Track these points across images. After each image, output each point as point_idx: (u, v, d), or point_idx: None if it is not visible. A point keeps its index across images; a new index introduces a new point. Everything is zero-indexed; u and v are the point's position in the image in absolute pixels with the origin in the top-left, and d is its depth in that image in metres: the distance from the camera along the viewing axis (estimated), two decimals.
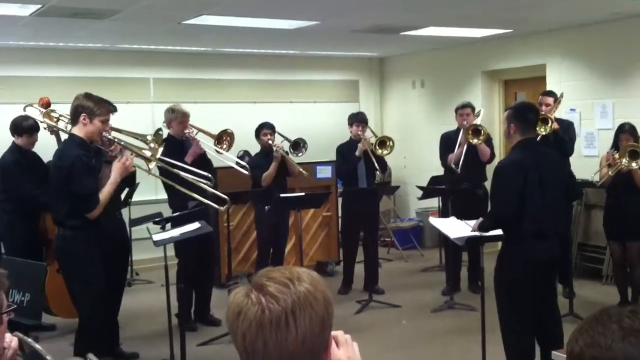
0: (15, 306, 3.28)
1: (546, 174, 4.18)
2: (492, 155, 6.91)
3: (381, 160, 6.94)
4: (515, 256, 4.18)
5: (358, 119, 7.03)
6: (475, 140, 6.58)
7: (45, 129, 5.62)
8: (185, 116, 5.94)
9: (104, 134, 4.55)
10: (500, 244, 7.82)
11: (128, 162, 4.55)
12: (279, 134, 6.89)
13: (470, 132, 6.59)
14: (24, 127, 5.76)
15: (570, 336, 1.60)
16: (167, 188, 5.63)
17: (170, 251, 4.88)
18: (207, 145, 6.06)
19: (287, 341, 1.34)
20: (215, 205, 5.05)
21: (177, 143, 5.89)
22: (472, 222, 4.71)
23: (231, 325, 1.39)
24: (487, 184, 6.93)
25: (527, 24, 7.42)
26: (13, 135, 5.84)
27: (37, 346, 2.71)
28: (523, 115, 4.25)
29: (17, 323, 3.35)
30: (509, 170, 4.20)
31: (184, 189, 4.97)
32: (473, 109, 6.93)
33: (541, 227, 4.12)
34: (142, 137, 4.80)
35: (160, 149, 4.78)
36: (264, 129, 6.66)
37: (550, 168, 4.26)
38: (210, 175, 5.28)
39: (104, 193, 4.46)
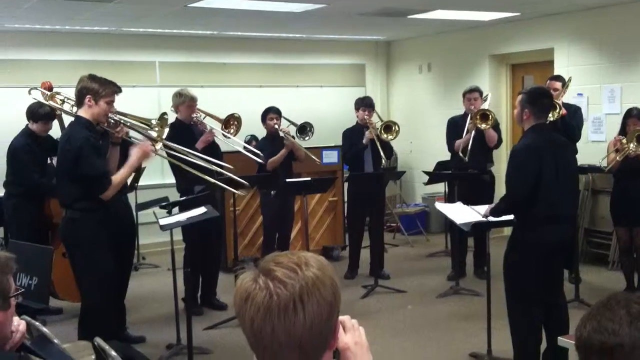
0: (23, 290, 3.31)
1: (560, 159, 4.16)
2: (500, 141, 6.88)
3: (387, 146, 6.92)
4: (527, 239, 4.17)
5: (365, 104, 7.01)
6: (483, 125, 6.56)
7: None
8: (192, 100, 5.94)
9: (110, 115, 4.54)
10: (506, 229, 7.83)
11: (148, 147, 4.53)
12: (285, 118, 6.87)
13: (478, 116, 6.57)
14: (40, 114, 5.76)
15: (579, 322, 1.60)
16: (175, 172, 5.64)
17: (177, 235, 4.89)
18: (216, 130, 6.07)
19: (295, 326, 1.33)
20: (234, 190, 5.08)
21: (185, 127, 5.89)
22: (478, 208, 4.71)
23: (239, 310, 1.39)
24: (494, 169, 6.95)
25: (535, 7, 7.36)
26: (28, 120, 5.84)
27: (45, 329, 2.73)
28: (537, 100, 4.22)
29: (24, 307, 3.37)
30: (523, 153, 4.18)
31: (195, 172, 4.98)
32: (481, 93, 6.90)
33: (554, 211, 4.10)
34: (146, 122, 4.79)
35: (166, 130, 4.78)
36: (270, 113, 6.64)
37: (564, 153, 4.25)
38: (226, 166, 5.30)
39: (120, 175, 4.46)
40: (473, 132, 6.63)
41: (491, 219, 4.50)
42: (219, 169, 5.20)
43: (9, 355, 2.02)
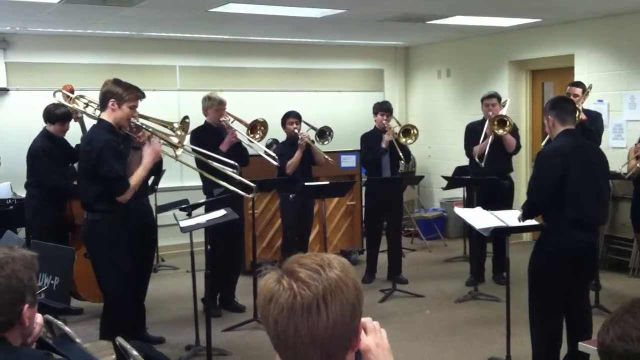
0: (46, 287, 3.36)
1: (588, 164, 4.16)
2: (518, 146, 6.86)
3: (405, 150, 6.93)
4: (553, 243, 4.17)
5: (383, 108, 7.02)
6: (500, 131, 6.55)
7: None
8: (221, 104, 6.00)
9: (132, 120, 4.59)
10: (525, 235, 7.79)
11: (158, 147, 4.59)
12: (305, 122, 6.89)
13: (495, 122, 6.56)
14: (57, 115, 5.82)
15: (601, 327, 1.59)
16: (202, 175, 5.70)
17: (196, 238, 4.92)
18: (242, 134, 6.12)
19: (318, 327, 1.35)
20: (242, 193, 5.11)
21: (213, 131, 5.94)
22: (498, 213, 4.70)
23: (262, 311, 1.41)
24: (513, 175, 6.92)
25: (555, 13, 7.32)
26: (45, 122, 5.90)
27: (67, 329, 2.77)
28: (558, 105, 4.26)
29: (46, 306, 3.41)
30: (549, 157, 4.20)
31: (213, 176, 5.03)
32: (499, 99, 6.88)
33: (581, 215, 4.10)
34: (168, 125, 4.84)
35: (188, 136, 4.83)
36: (290, 118, 6.67)
37: (593, 158, 4.25)
38: (235, 164, 5.34)
39: (136, 177, 4.51)
40: (491, 137, 6.61)
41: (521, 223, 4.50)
42: (227, 169, 5.22)
43: (36, 353, 2.06)
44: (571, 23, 7.84)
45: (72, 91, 5.44)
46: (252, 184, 5.17)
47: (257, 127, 6.26)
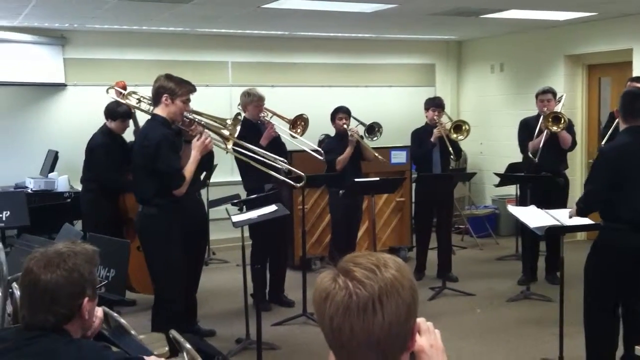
0: (106, 281, 3.44)
1: None
2: (574, 143, 6.70)
3: (455, 146, 6.85)
4: (610, 243, 4.07)
5: (434, 104, 6.95)
6: (554, 128, 6.42)
7: None
8: (260, 100, 6.02)
9: (185, 114, 4.65)
10: (579, 234, 7.61)
11: (207, 140, 4.65)
12: (354, 118, 6.88)
13: (550, 119, 6.43)
14: (119, 112, 5.95)
15: None
16: (242, 170, 5.74)
17: (247, 232, 4.97)
18: (282, 129, 6.15)
19: (373, 326, 1.34)
20: (292, 182, 5.15)
21: (252, 126, 5.97)
22: (553, 212, 4.61)
23: (318, 309, 1.41)
24: (568, 172, 6.77)
25: (613, 6, 7.13)
26: (107, 119, 6.03)
27: (122, 321, 2.82)
28: (624, 100, 4.11)
29: (101, 297, 3.48)
30: (610, 154, 4.11)
31: (263, 168, 5.08)
32: (554, 94, 6.73)
33: (637, 217, 3.98)
34: (221, 121, 4.89)
35: (238, 128, 4.87)
36: (340, 113, 6.66)
37: None
38: (283, 159, 5.40)
39: (187, 171, 4.57)
40: (545, 132, 6.47)
41: (577, 219, 4.40)
42: (277, 159, 5.30)
43: (95, 345, 2.11)
44: (629, 16, 7.63)
45: (124, 87, 5.54)
46: (301, 174, 5.23)
47: (297, 122, 6.28)
